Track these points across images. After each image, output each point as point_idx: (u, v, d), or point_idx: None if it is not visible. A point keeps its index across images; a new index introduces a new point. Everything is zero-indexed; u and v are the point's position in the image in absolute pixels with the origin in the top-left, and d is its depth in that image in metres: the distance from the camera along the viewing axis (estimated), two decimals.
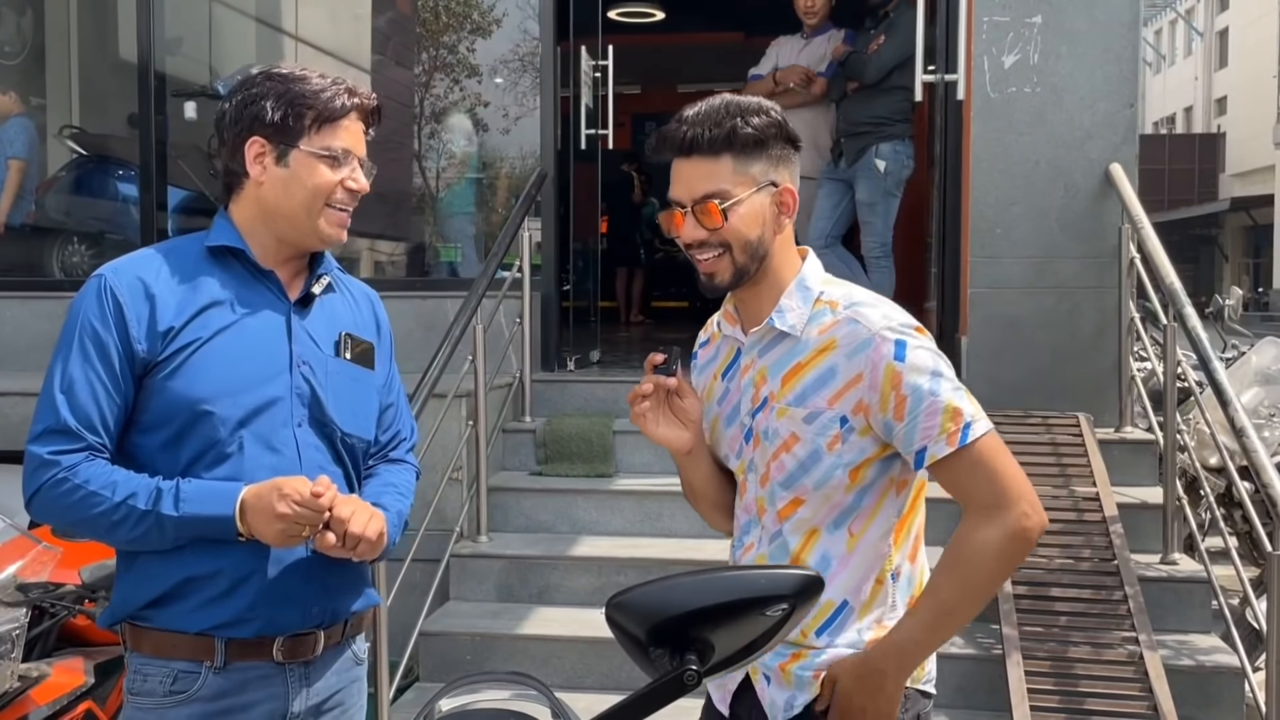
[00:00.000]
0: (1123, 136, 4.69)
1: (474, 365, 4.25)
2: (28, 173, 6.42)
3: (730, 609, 0.87)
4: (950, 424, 1.58)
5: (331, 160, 1.80)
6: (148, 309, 1.72)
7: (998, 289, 4.73)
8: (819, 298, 1.71)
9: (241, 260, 1.82)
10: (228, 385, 1.74)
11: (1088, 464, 4.22)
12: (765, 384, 1.71)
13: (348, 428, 1.85)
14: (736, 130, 1.63)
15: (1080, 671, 3.41)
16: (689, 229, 1.66)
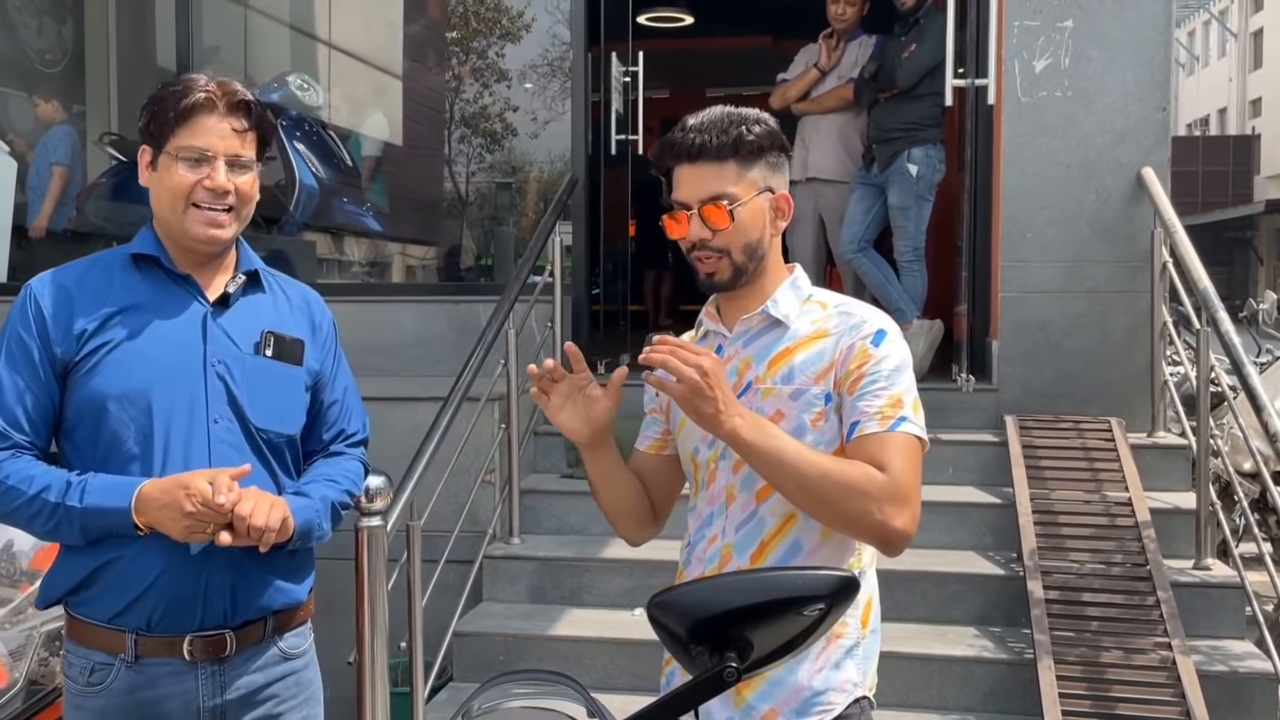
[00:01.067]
0: (1155, 140, 4.68)
1: (506, 369, 4.29)
2: (70, 179, 6.54)
3: (768, 609, 0.90)
4: (889, 410, 1.67)
5: (189, 161, 1.82)
6: (65, 313, 1.81)
7: (1028, 293, 4.73)
8: (809, 297, 1.81)
9: (160, 266, 1.88)
10: (138, 384, 1.81)
11: (1120, 469, 4.21)
12: (749, 370, 1.78)
13: (264, 424, 1.90)
14: (742, 137, 1.73)
15: (1112, 676, 3.40)
16: (695, 229, 1.75)
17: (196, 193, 1.82)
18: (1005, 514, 4.17)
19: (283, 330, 1.94)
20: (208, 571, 1.82)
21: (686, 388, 1.60)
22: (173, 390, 1.82)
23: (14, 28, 7.04)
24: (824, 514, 1.66)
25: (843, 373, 1.71)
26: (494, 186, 6.92)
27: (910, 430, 1.67)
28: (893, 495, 1.61)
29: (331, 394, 2.04)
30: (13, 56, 7.05)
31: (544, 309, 4.94)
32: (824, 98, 5.61)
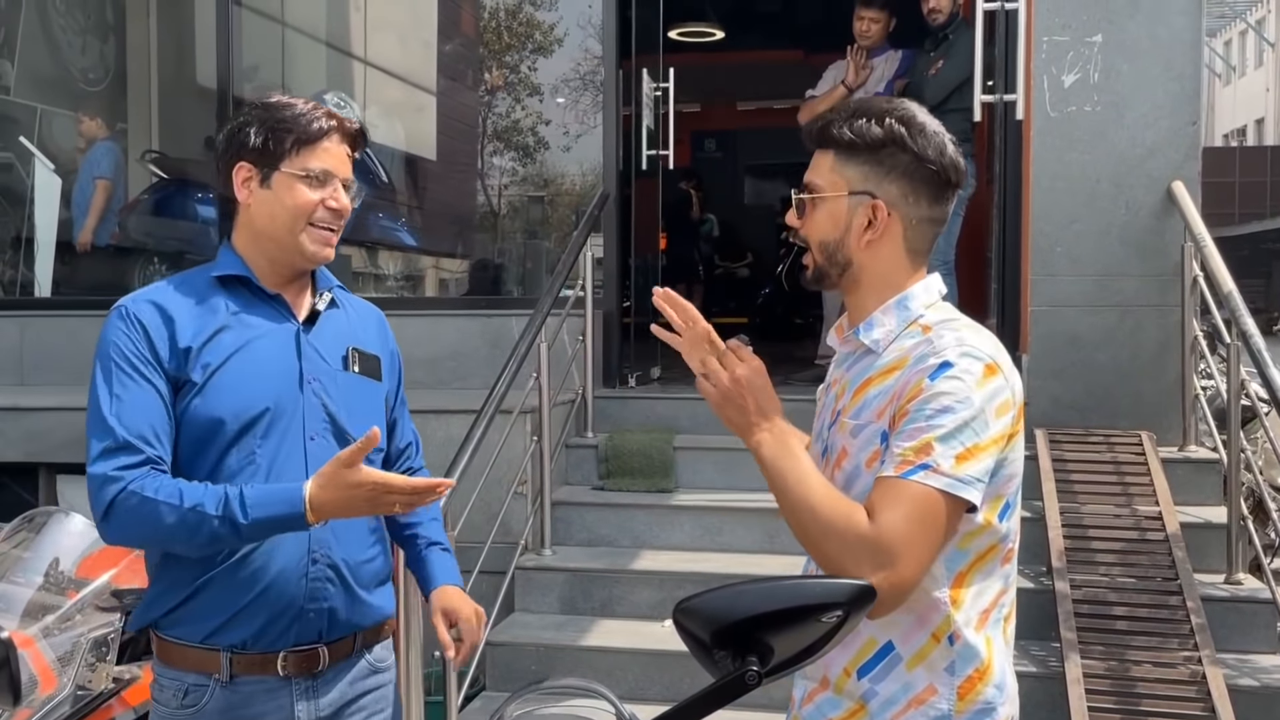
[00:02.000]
0: (1185, 154, 4.68)
1: (539, 382, 4.35)
2: (112, 193, 6.67)
3: (788, 615, 0.94)
4: (912, 454, 1.47)
5: (311, 180, 1.87)
6: (168, 331, 1.82)
7: (1059, 306, 4.74)
8: (917, 319, 1.61)
9: (248, 286, 1.90)
10: (244, 404, 1.83)
11: (1150, 482, 4.20)
12: (843, 398, 1.64)
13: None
14: (830, 127, 1.60)
15: (1142, 690, 3.40)
16: (790, 213, 1.66)
17: (318, 212, 1.88)
18: (1035, 527, 4.17)
19: (362, 346, 2.00)
20: (305, 588, 1.84)
21: (719, 392, 1.54)
22: (275, 409, 1.85)
23: (58, 47, 7.20)
24: (808, 548, 1.52)
25: (895, 408, 1.53)
26: (526, 200, 7.00)
27: (930, 482, 1.45)
28: (871, 549, 1.42)
29: (396, 410, 2.09)
30: (57, 75, 7.21)
31: (575, 322, 5.00)
32: None
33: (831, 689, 1.62)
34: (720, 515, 4.49)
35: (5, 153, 6.96)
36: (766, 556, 4.31)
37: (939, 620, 1.55)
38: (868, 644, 1.58)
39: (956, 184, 1.64)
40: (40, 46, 7.08)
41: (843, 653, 1.59)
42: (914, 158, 1.58)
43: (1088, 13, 4.69)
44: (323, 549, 1.86)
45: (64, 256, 6.62)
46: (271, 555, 1.82)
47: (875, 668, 1.57)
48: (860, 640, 1.57)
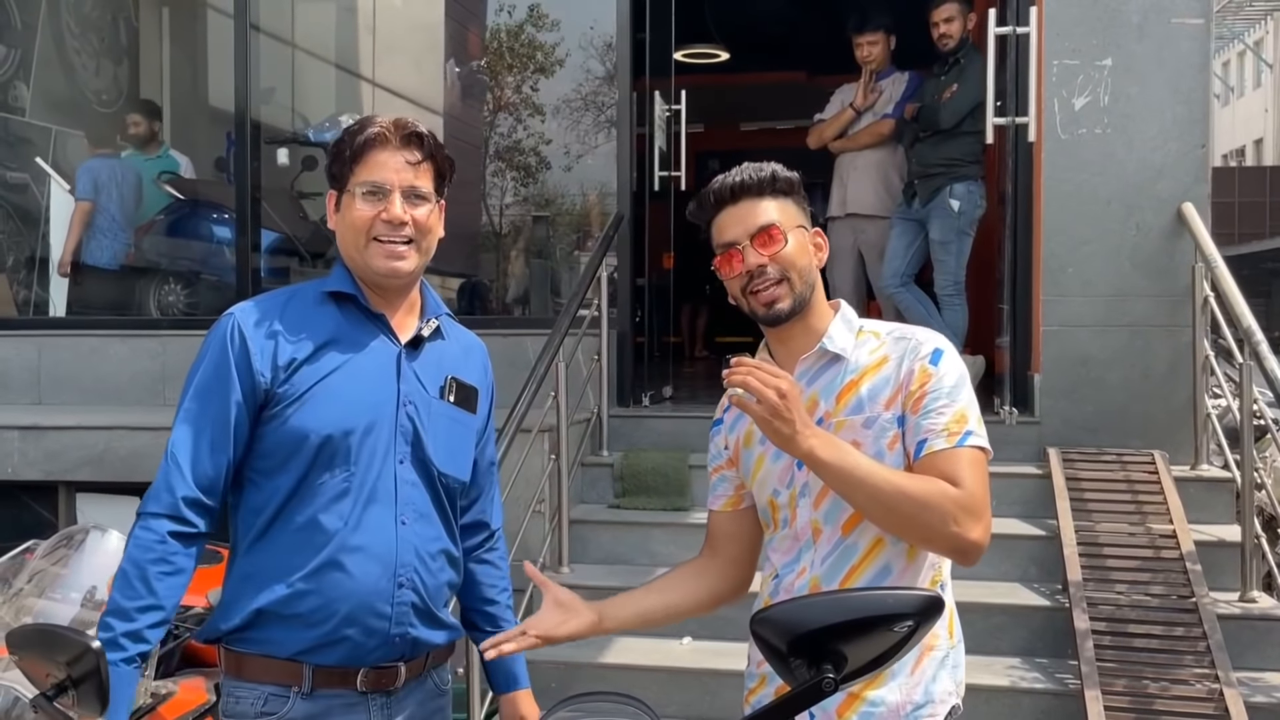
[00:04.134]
0: (1194, 176, 4.74)
1: (556, 401, 4.39)
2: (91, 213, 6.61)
3: (861, 625, 0.98)
4: (955, 425, 1.73)
5: (368, 195, 1.85)
6: (272, 344, 1.84)
7: (1070, 327, 4.78)
8: (860, 329, 1.88)
9: (355, 304, 1.91)
10: (341, 420, 1.83)
11: (1164, 501, 4.24)
12: (818, 407, 1.82)
13: (445, 468, 1.93)
14: (776, 175, 1.83)
15: (1159, 708, 3.43)
16: (750, 257, 1.80)
17: (376, 226, 1.85)
18: (1049, 546, 4.21)
19: (462, 377, 1.98)
20: (388, 603, 1.85)
21: (766, 408, 1.64)
22: (368, 428, 1.85)
23: (73, 69, 7.27)
24: (902, 529, 1.71)
25: (906, 394, 1.77)
26: (538, 221, 7.06)
27: (977, 443, 1.74)
28: (967, 508, 1.67)
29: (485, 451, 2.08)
30: (71, 97, 7.28)
31: (588, 342, 5.05)
32: (860, 135, 5.71)
33: None
34: None
35: (20, 174, 7.02)
36: None
37: (932, 575, 1.82)
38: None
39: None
40: (55, 69, 7.15)
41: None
42: (803, 194, 1.88)
43: (1097, 37, 4.75)
44: (408, 573, 1.87)
45: (78, 277, 6.66)
46: (360, 579, 1.82)
47: None
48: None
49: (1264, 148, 39.60)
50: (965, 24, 5.22)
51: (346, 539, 1.83)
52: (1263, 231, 33.37)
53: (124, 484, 4.65)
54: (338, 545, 1.82)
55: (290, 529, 1.84)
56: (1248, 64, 40.30)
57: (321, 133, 6.23)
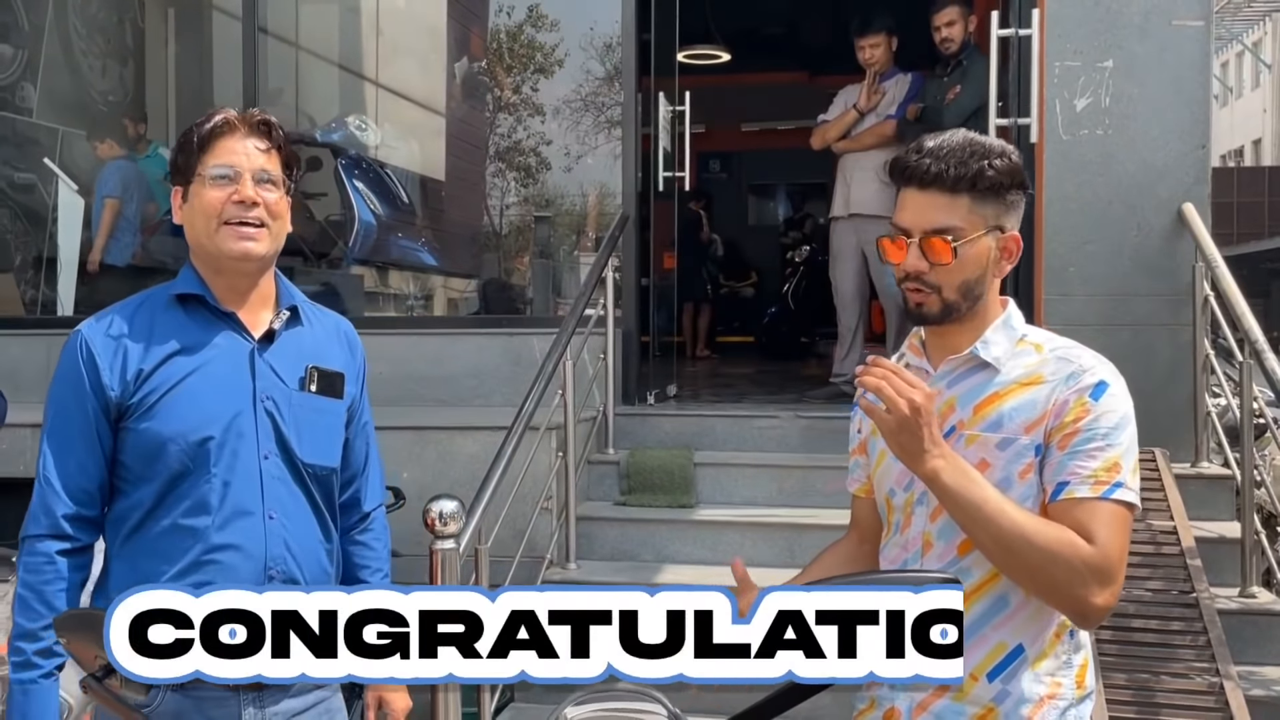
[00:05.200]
0: (1195, 177, 4.79)
1: (564, 399, 4.44)
2: (120, 211, 6.71)
3: None
4: (1104, 474, 1.58)
5: (218, 179, 1.86)
6: (120, 358, 1.86)
7: (1072, 326, 4.80)
8: (1022, 338, 1.71)
9: (203, 305, 1.91)
10: (194, 423, 1.85)
11: (1165, 498, 4.28)
12: (953, 414, 1.68)
13: (311, 459, 1.95)
14: (982, 172, 1.63)
15: (1161, 700, 3.48)
16: (912, 259, 1.65)
17: (227, 209, 1.86)
18: None
19: (324, 364, 2.00)
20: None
21: (895, 420, 1.55)
22: (227, 429, 1.87)
23: (79, 70, 7.32)
24: (1019, 576, 1.59)
25: (1055, 424, 1.61)
26: (540, 221, 7.11)
27: (1126, 498, 1.58)
28: (1097, 570, 1.52)
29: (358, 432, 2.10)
30: (77, 98, 7.33)
31: (594, 341, 5.09)
32: (863, 135, 5.76)
33: (951, 696, 1.67)
34: (740, 530, 4.56)
35: (28, 174, 7.06)
36: (787, 571, 4.37)
37: (1060, 618, 1.66)
38: (997, 647, 1.65)
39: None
40: (62, 70, 7.19)
41: (968, 658, 1.56)
42: (1020, 187, 1.69)
43: (1099, 38, 4.81)
44: (279, 566, 1.89)
45: (86, 276, 6.71)
46: (231, 568, 1.85)
47: (1006, 669, 1.65)
48: (989, 645, 1.65)
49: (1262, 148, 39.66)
50: (966, 26, 5.27)
51: (213, 539, 1.85)
52: (1261, 231, 33.42)
53: None
54: (205, 546, 1.84)
55: (156, 533, 1.86)
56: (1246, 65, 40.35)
57: (329, 134, 6.28)
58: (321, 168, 6.68)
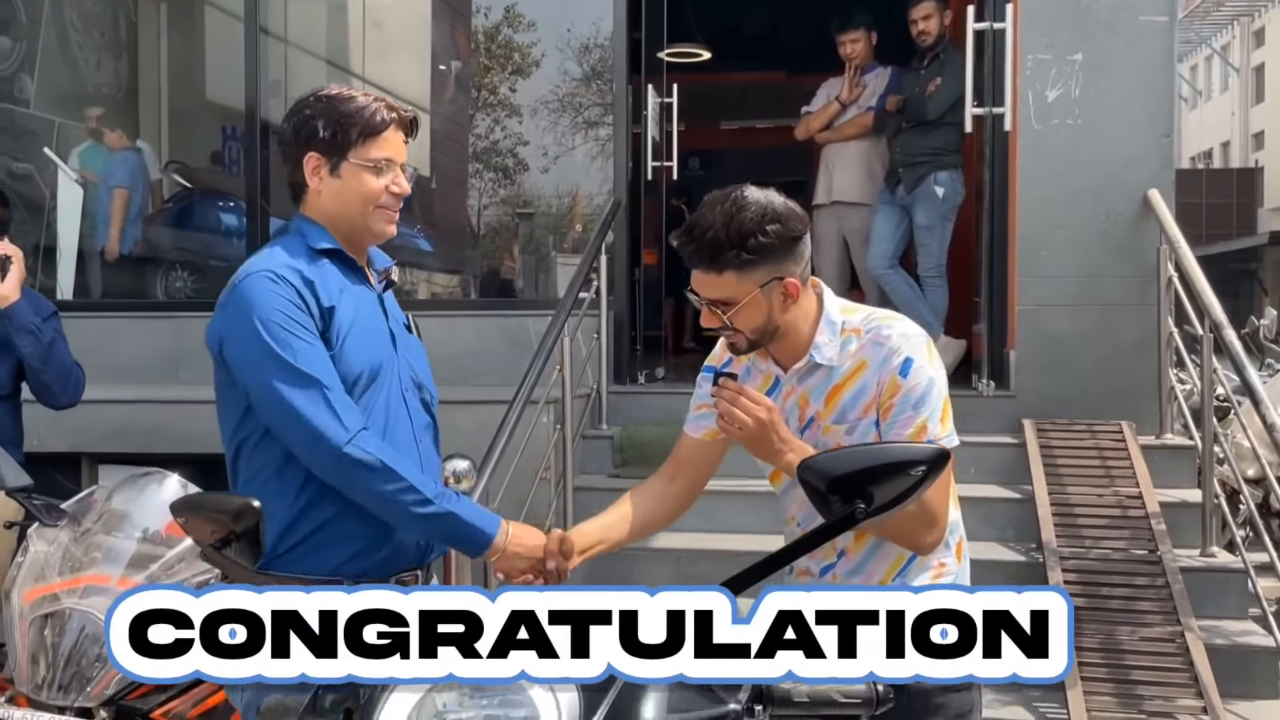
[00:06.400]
0: (1160, 165, 5.04)
1: (562, 375, 4.63)
2: (129, 201, 6.89)
3: (885, 469, 1.22)
4: (916, 438, 1.89)
5: (376, 169, 2.05)
6: (310, 291, 1.99)
7: (1043, 306, 5.08)
8: (843, 327, 2.00)
9: (342, 258, 2.09)
10: (370, 360, 2.03)
11: (1130, 466, 4.53)
12: (809, 405, 2.01)
13: (432, 389, 2.21)
14: (739, 255, 1.87)
15: (1127, 648, 3.72)
16: (706, 318, 1.96)
17: (382, 197, 2.07)
18: (1025, 508, 4.49)
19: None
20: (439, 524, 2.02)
21: (746, 434, 1.89)
22: (385, 366, 2.06)
23: (75, 63, 7.45)
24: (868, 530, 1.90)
25: (879, 401, 1.94)
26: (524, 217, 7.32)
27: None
28: (923, 521, 1.87)
29: None
30: (73, 90, 7.46)
31: (588, 323, 5.30)
32: (845, 127, 6.00)
33: None
34: (722, 499, 4.72)
35: (25, 164, 7.19)
36: (766, 536, 4.54)
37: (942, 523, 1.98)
38: (898, 558, 2.04)
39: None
40: (58, 62, 7.32)
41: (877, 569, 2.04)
42: (793, 239, 1.91)
43: (1070, 33, 5.05)
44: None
45: (86, 263, 6.85)
46: None
47: (906, 570, 2.04)
48: (892, 556, 2.04)
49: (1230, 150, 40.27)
50: (943, 20, 5.52)
51: None
52: (1230, 232, 33.94)
53: (145, 455, 4.85)
54: None
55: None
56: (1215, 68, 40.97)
57: None
58: None
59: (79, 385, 3.45)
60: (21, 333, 3.23)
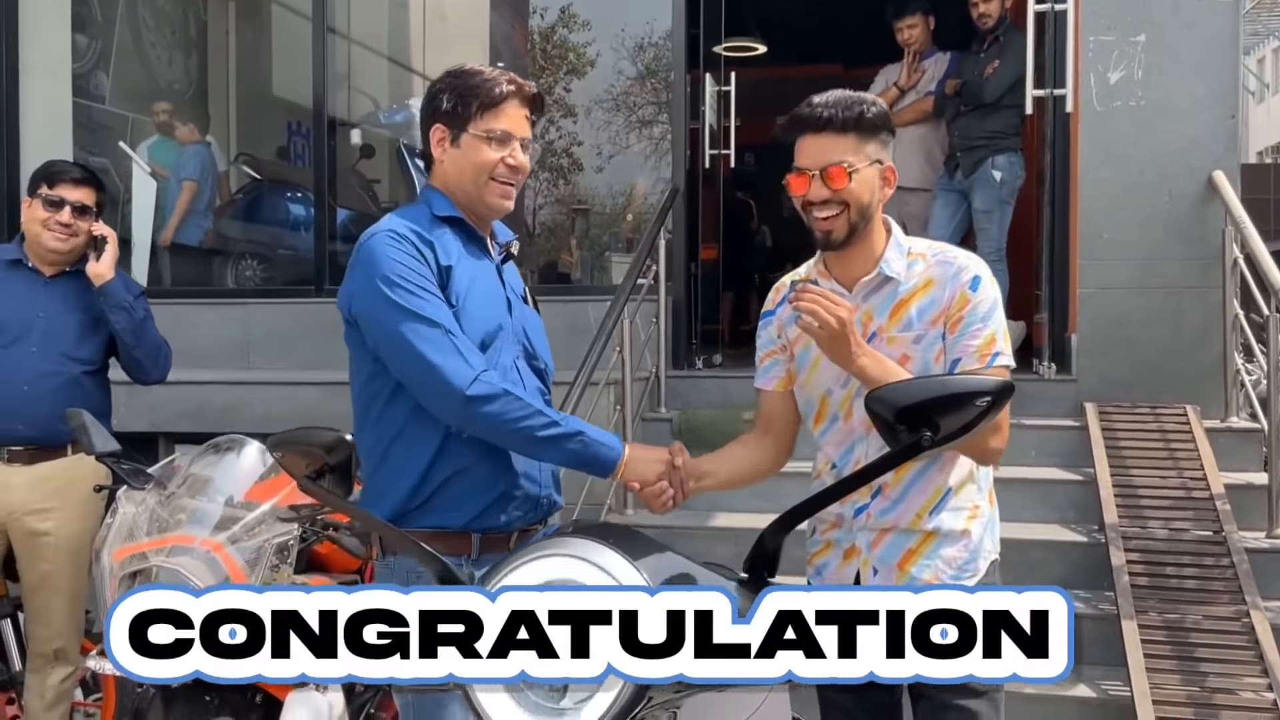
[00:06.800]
0: (1225, 146, 4.99)
1: (621, 357, 4.71)
2: (197, 194, 7.08)
3: (951, 399, 1.27)
4: (985, 348, 2.02)
5: (493, 141, 2.11)
6: (429, 251, 2.06)
7: (1105, 289, 5.05)
8: (910, 250, 2.13)
9: (463, 226, 2.16)
10: (484, 322, 2.09)
11: (1195, 449, 4.49)
12: (873, 321, 2.10)
13: (548, 360, 2.26)
14: (863, 115, 2.04)
15: (1190, 626, 3.70)
16: (815, 189, 2.04)
17: (498, 169, 2.12)
18: (1086, 490, 4.48)
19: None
20: (541, 476, 2.13)
21: (828, 334, 1.97)
22: (502, 331, 2.11)
23: (149, 62, 7.67)
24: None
25: (947, 314, 2.05)
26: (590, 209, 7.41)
27: (1003, 363, 2.03)
28: (990, 429, 1.84)
29: None
30: (146, 86, 7.68)
31: (646, 308, 5.36)
32: (904, 112, 5.99)
33: (899, 531, 2.13)
34: (790, 479, 4.72)
35: (101, 158, 7.41)
36: None
37: (970, 463, 2.12)
38: (935, 490, 2.12)
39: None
40: (132, 59, 7.54)
41: (912, 505, 2.12)
42: (890, 131, 2.10)
43: (1131, 14, 5.02)
44: None
45: (158, 253, 7.05)
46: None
47: (941, 506, 2.12)
48: (931, 488, 2.12)
49: None
50: (1003, 3, 5.50)
51: None
52: None
53: (219, 434, 4.99)
54: None
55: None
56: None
57: (393, 115, 6.58)
58: (374, 155, 7.01)
59: (167, 361, 3.57)
60: (115, 309, 3.35)
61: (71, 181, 3.38)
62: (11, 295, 3.33)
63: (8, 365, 3.25)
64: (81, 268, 3.37)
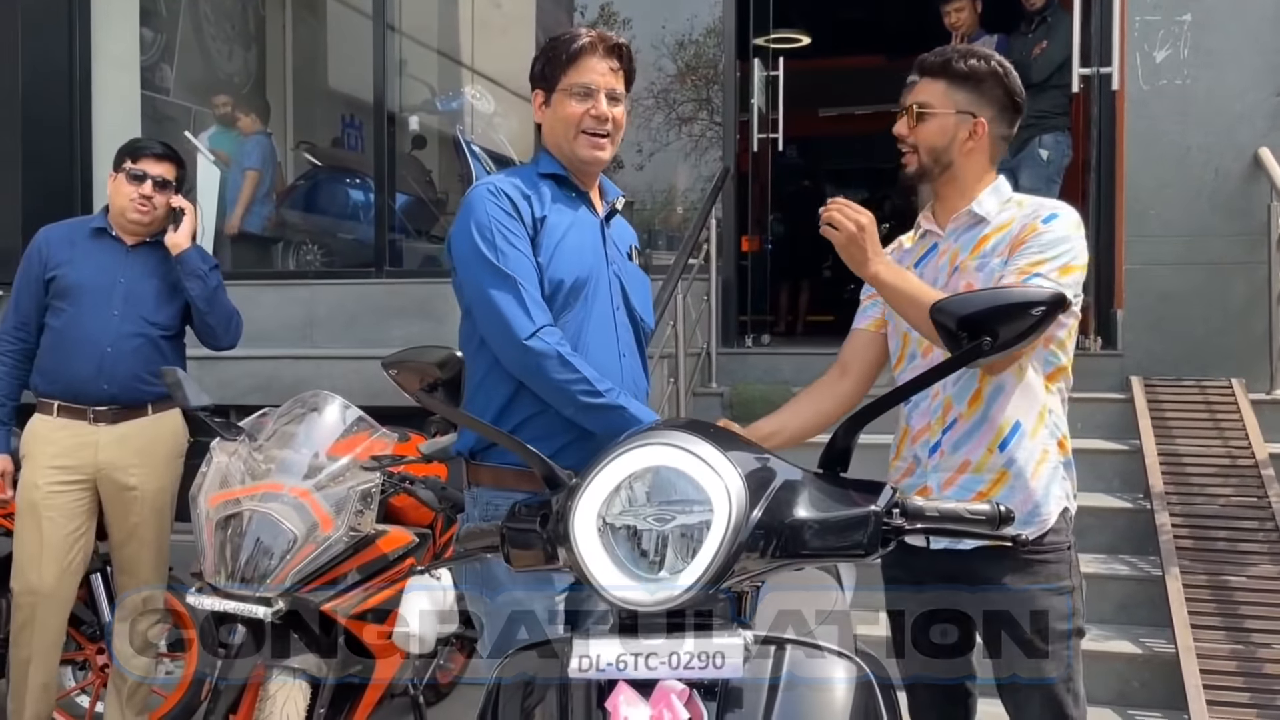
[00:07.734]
0: (1270, 123, 5.05)
1: (675, 330, 4.85)
2: (260, 183, 7.32)
3: (1009, 309, 1.39)
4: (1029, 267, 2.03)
5: (578, 95, 2.20)
6: (526, 203, 2.19)
7: (1151, 265, 5.12)
8: (1009, 199, 2.20)
9: (565, 182, 2.27)
10: (579, 272, 2.20)
11: (1240, 419, 4.56)
12: (958, 257, 2.17)
13: (646, 316, 2.37)
14: (951, 62, 2.16)
15: (1235, 585, 3.78)
16: (898, 125, 2.19)
17: (584, 121, 2.21)
18: (1132, 460, 4.56)
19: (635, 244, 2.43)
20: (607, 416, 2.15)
21: (845, 236, 2.08)
22: (597, 281, 2.21)
23: (210, 55, 7.91)
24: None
25: (1014, 242, 2.09)
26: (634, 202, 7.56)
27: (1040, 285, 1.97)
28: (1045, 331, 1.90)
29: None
30: (207, 79, 7.92)
31: (698, 286, 5.50)
32: None
33: (971, 470, 2.15)
34: None
35: None
36: None
37: (1042, 402, 2.15)
38: (1003, 424, 2.13)
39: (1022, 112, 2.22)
40: (194, 52, 7.79)
41: (984, 438, 2.13)
42: (1005, 91, 2.16)
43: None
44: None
45: (221, 238, 7.29)
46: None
47: (1010, 441, 2.12)
48: (997, 423, 2.13)
49: None
50: None
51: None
52: None
53: None
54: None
55: None
56: None
57: (449, 101, 6.76)
58: (425, 146, 7.20)
59: (238, 329, 3.74)
60: (191, 277, 3.53)
61: (154, 157, 3.55)
62: (96, 261, 3.51)
63: (92, 327, 3.44)
64: (161, 238, 3.55)
